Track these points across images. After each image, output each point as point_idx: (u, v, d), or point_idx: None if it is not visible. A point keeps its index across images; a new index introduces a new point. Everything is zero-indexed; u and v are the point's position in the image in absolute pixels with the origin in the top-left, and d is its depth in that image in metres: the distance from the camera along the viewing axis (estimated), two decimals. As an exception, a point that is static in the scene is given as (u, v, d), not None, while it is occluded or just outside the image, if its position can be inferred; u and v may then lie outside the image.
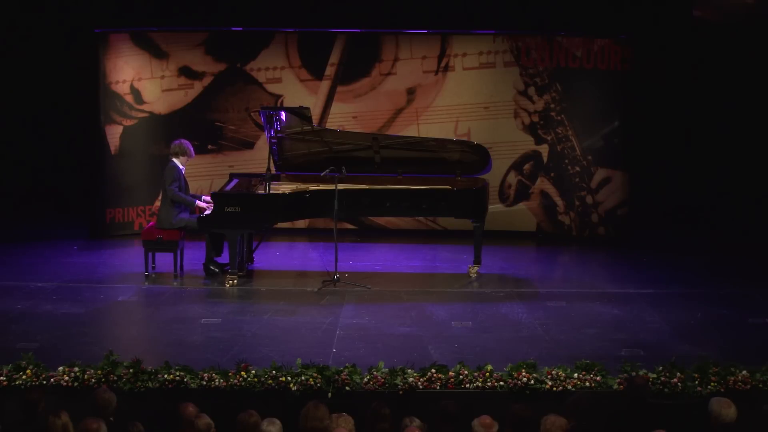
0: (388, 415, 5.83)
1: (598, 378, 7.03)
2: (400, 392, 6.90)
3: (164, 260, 10.17)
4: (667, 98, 11.55)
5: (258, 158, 12.10)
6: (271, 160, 10.10)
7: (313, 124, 10.30)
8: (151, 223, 10.24)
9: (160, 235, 9.96)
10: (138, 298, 9.52)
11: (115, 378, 6.91)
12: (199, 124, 12.27)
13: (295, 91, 12.22)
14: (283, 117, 10.06)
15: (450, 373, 7.03)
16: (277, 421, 5.63)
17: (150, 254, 10.11)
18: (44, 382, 6.89)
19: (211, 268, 10.08)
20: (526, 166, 12.38)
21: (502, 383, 6.99)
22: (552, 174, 12.33)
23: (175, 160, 10.09)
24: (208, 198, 10.05)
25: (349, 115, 12.31)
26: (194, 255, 10.44)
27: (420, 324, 8.65)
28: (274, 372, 6.95)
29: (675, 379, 6.99)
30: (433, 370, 7.02)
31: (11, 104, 11.51)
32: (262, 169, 10.33)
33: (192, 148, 10.23)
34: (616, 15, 11.51)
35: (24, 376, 6.91)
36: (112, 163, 12.01)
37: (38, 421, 5.84)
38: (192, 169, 11.02)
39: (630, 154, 11.97)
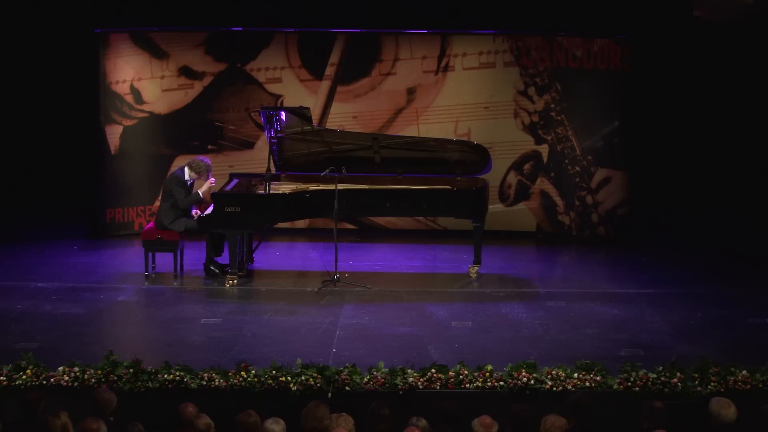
0: (387, 416, 5.83)
1: (598, 378, 7.03)
2: (400, 392, 6.90)
3: (164, 260, 10.17)
4: (667, 98, 11.55)
5: (258, 158, 12.10)
6: (271, 160, 10.10)
7: (313, 124, 10.30)
8: (151, 224, 10.24)
9: (160, 235, 9.96)
10: (138, 298, 9.53)
11: (115, 378, 6.91)
12: (199, 124, 12.27)
13: (295, 91, 12.22)
14: (283, 117, 10.06)
15: (450, 373, 7.03)
16: (281, 421, 5.64)
17: (150, 254, 10.11)
18: (44, 382, 6.89)
19: (211, 268, 10.08)
20: (526, 166, 12.38)
21: (502, 383, 6.99)
22: (552, 174, 12.33)
23: (186, 170, 10.06)
24: (211, 181, 10.05)
25: (349, 115, 12.31)
26: (194, 255, 10.44)
27: (420, 324, 8.65)
28: (274, 372, 6.95)
29: (675, 379, 6.99)
30: (433, 370, 7.02)
31: (11, 104, 11.50)
32: (262, 169, 10.33)
33: (211, 174, 10.20)
34: (616, 15, 11.51)
35: (24, 376, 6.91)
36: (112, 163, 12.01)
37: (38, 421, 5.84)
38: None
39: (630, 154, 11.98)
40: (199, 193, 10.09)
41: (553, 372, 7.04)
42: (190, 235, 10.12)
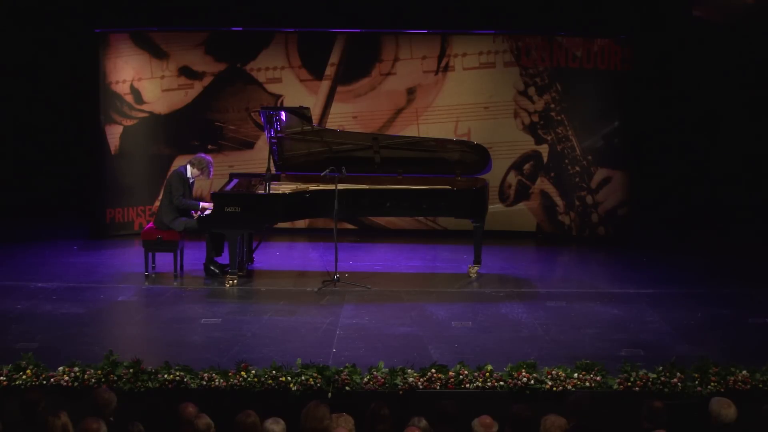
0: (387, 416, 5.83)
1: (598, 378, 7.02)
2: (400, 392, 6.90)
3: (164, 260, 10.17)
4: (667, 98, 11.56)
5: (258, 158, 12.10)
6: (271, 160, 10.10)
7: (313, 124, 10.30)
8: (150, 224, 10.23)
9: (160, 235, 9.96)
10: (138, 298, 9.52)
11: (115, 378, 6.91)
12: (199, 124, 12.27)
13: (295, 91, 12.22)
14: (283, 117, 10.06)
15: (450, 373, 7.02)
16: (281, 421, 5.63)
17: (150, 254, 10.11)
18: (44, 382, 6.88)
19: (211, 268, 10.07)
20: (526, 166, 12.38)
21: (502, 383, 6.99)
22: (552, 174, 12.33)
23: (189, 168, 10.06)
24: (207, 205, 10.04)
25: (349, 115, 12.31)
26: (194, 255, 10.44)
27: (420, 324, 8.65)
28: (274, 372, 6.95)
29: (675, 379, 6.99)
30: (433, 370, 7.02)
31: (11, 104, 11.51)
32: (262, 169, 10.33)
33: (212, 171, 10.21)
34: (616, 15, 11.52)
35: (24, 376, 6.91)
36: (112, 163, 12.01)
37: (38, 421, 5.84)
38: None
39: (630, 154, 11.98)
40: (200, 204, 10.08)
41: (553, 372, 7.04)
42: (190, 235, 10.12)
